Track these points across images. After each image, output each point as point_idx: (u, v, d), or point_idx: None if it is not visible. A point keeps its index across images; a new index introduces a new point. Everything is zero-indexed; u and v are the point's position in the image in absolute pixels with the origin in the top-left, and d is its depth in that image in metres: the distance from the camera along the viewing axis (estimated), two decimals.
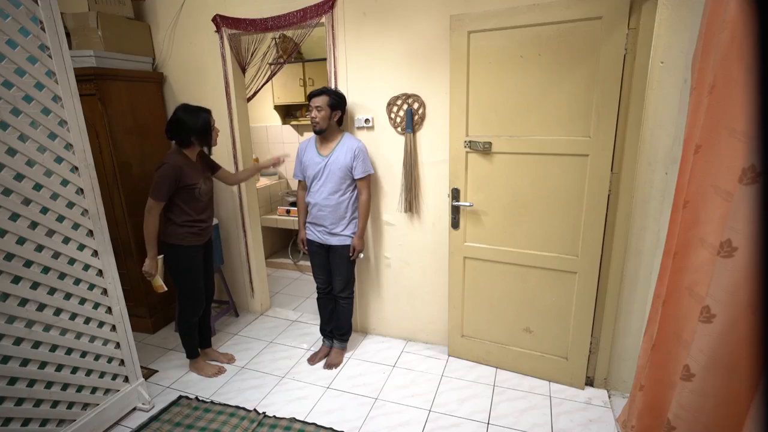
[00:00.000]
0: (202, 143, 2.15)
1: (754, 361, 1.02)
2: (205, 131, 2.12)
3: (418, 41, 2.19)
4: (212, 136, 2.17)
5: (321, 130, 2.20)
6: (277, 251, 4.27)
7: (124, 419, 2.06)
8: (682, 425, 1.24)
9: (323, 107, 2.16)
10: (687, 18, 1.67)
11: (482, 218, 2.21)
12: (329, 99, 2.17)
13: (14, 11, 1.53)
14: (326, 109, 2.16)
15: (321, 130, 2.20)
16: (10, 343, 1.59)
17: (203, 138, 2.13)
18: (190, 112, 2.10)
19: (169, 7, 2.71)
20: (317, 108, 2.15)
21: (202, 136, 2.12)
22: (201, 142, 2.15)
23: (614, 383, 2.17)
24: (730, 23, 1.09)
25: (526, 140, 2.02)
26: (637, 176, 1.89)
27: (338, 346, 2.53)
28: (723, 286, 1.07)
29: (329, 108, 2.17)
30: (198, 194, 2.14)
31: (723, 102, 1.14)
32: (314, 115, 2.16)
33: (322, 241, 2.33)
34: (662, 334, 1.45)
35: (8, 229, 1.54)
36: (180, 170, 2.06)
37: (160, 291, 2.22)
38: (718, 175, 1.16)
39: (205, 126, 2.11)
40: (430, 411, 2.09)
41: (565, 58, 1.86)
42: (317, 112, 2.15)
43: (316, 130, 2.20)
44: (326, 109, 2.16)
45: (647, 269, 1.95)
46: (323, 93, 2.17)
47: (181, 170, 2.06)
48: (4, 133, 1.52)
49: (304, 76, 3.81)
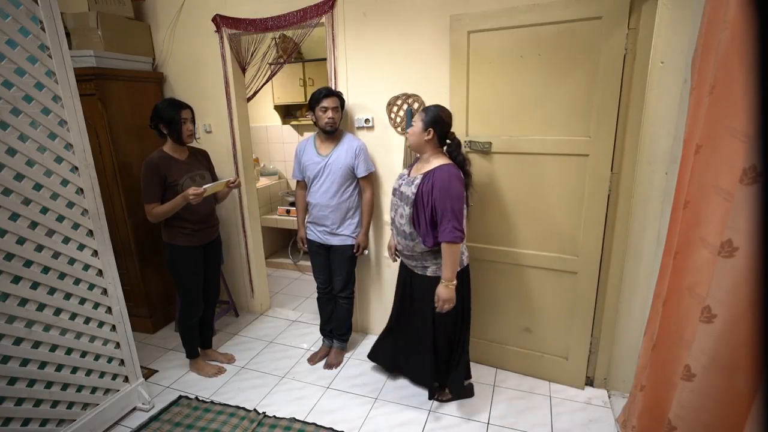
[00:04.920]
0: (170, 133, 2.09)
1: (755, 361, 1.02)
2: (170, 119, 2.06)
3: (418, 41, 2.19)
4: (180, 129, 2.09)
5: (336, 129, 2.20)
6: (277, 251, 4.27)
7: (124, 419, 2.06)
8: (683, 425, 1.24)
9: (339, 107, 2.18)
10: (687, 18, 1.67)
11: (482, 218, 2.21)
12: (338, 99, 2.18)
13: (14, 11, 1.53)
14: (340, 110, 2.19)
15: (335, 130, 2.21)
16: (10, 343, 1.59)
17: (169, 126, 2.07)
18: (166, 101, 2.11)
19: (169, 7, 2.71)
20: (334, 109, 2.15)
21: (167, 124, 2.07)
22: (169, 132, 2.09)
23: (614, 383, 2.17)
24: (730, 23, 1.09)
25: (526, 140, 2.02)
26: (637, 176, 1.89)
27: (338, 346, 2.53)
28: (724, 286, 1.07)
29: (341, 108, 2.20)
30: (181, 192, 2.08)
31: (723, 102, 1.14)
32: (332, 116, 2.14)
33: (323, 241, 2.33)
34: (663, 334, 1.45)
35: (8, 229, 1.54)
36: (157, 167, 2.05)
37: (227, 185, 2.18)
38: (719, 175, 1.16)
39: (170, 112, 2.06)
40: (430, 411, 2.09)
41: (565, 58, 1.86)
42: (334, 112, 2.14)
43: (329, 130, 2.18)
44: (340, 109, 2.19)
45: (647, 269, 1.95)
46: (334, 94, 2.17)
47: (158, 167, 2.05)
48: (4, 133, 1.52)
49: (304, 76, 3.81)
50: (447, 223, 1.73)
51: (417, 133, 1.82)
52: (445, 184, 1.73)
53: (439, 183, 1.74)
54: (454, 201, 1.73)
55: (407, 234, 1.88)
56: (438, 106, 1.86)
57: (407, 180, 1.89)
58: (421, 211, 1.80)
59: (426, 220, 1.79)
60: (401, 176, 1.96)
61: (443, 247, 1.76)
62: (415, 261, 1.94)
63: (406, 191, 1.86)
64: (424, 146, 1.84)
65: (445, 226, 1.73)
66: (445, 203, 1.72)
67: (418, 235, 1.84)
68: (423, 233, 1.82)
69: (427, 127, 1.79)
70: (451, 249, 1.75)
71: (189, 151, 2.21)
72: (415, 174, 1.88)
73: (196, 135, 2.59)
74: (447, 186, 1.73)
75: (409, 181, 1.87)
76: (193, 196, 1.99)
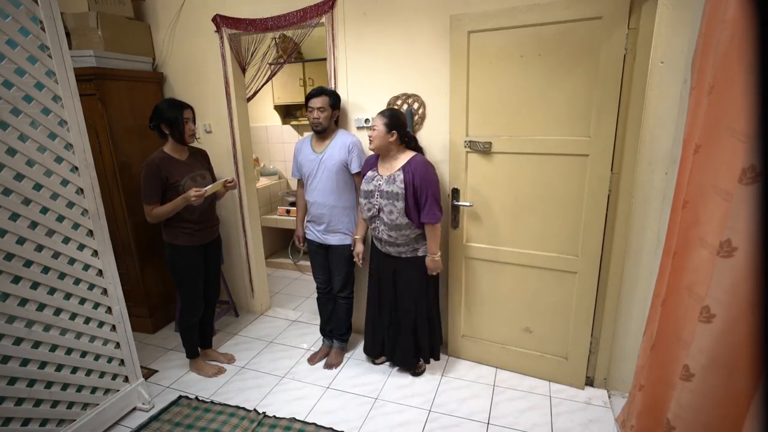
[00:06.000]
0: (172, 133, 2.09)
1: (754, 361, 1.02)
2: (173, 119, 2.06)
3: (418, 41, 2.19)
4: (182, 129, 2.09)
5: (323, 129, 2.21)
6: (277, 251, 4.27)
7: (124, 419, 2.06)
8: (682, 425, 1.24)
9: (325, 107, 2.17)
10: (687, 18, 1.67)
11: (482, 218, 2.21)
12: (329, 99, 2.18)
13: (14, 11, 1.53)
14: (328, 110, 2.19)
15: (323, 130, 2.22)
16: (10, 343, 1.59)
17: (171, 126, 2.07)
18: (167, 101, 2.11)
19: (169, 7, 2.71)
20: (319, 109, 2.16)
21: (168, 124, 2.07)
22: (171, 132, 2.09)
23: (614, 383, 2.17)
24: (730, 23, 1.09)
25: (526, 140, 2.02)
26: (637, 176, 1.89)
27: (338, 346, 2.53)
28: (723, 286, 1.07)
29: (330, 108, 2.20)
30: (182, 193, 2.08)
31: (723, 102, 1.14)
32: (317, 116, 2.17)
33: (321, 240, 2.33)
34: (662, 334, 1.45)
35: (8, 229, 1.55)
36: (158, 168, 2.05)
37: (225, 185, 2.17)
38: (718, 175, 1.16)
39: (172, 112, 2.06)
40: (430, 411, 2.09)
41: (565, 58, 1.86)
42: (319, 112, 2.16)
43: (318, 130, 2.22)
44: (328, 109, 2.19)
45: (647, 269, 1.95)
46: (323, 93, 2.18)
47: (158, 168, 2.05)
48: (4, 133, 1.52)
49: (304, 76, 3.81)
50: (429, 207, 1.99)
51: (381, 136, 1.99)
52: (425, 174, 1.99)
53: (420, 173, 1.98)
54: (433, 187, 2.01)
55: (403, 225, 2.04)
56: (392, 109, 2.08)
57: (386, 179, 2.04)
58: (412, 200, 2.00)
59: (416, 208, 2.01)
60: (373, 177, 2.08)
61: (427, 227, 2.04)
62: (406, 246, 2.12)
63: (392, 189, 2.01)
64: (389, 146, 2.02)
65: (428, 210, 2.00)
66: (427, 190, 1.98)
67: (412, 223, 2.03)
68: (416, 220, 2.03)
69: (391, 129, 1.98)
70: (434, 228, 2.04)
71: (189, 152, 2.21)
72: (388, 172, 2.04)
73: (197, 135, 2.60)
74: (426, 174, 1.99)
75: (389, 180, 2.02)
76: (194, 197, 2.00)
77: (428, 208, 1.99)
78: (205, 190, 2.04)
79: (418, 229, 2.06)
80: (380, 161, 2.10)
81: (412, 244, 2.11)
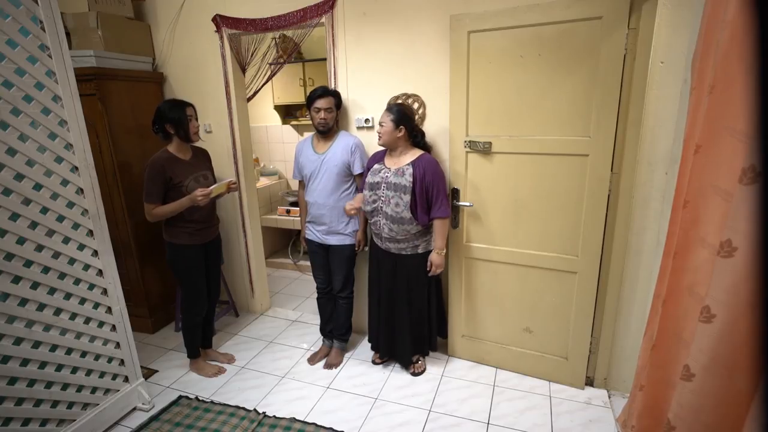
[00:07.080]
0: (177, 132, 2.09)
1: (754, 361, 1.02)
2: (177, 118, 2.06)
3: (418, 41, 2.19)
4: (187, 127, 2.10)
5: (329, 129, 2.21)
6: (277, 251, 4.27)
7: (124, 419, 2.06)
8: (682, 425, 1.24)
9: (332, 108, 2.18)
10: (687, 18, 1.67)
11: (482, 218, 2.21)
12: (334, 99, 2.19)
13: (14, 11, 1.53)
14: (334, 110, 2.20)
15: (329, 130, 2.22)
16: (10, 343, 1.59)
17: (177, 125, 2.07)
18: (168, 102, 2.11)
19: (169, 7, 2.71)
20: (327, 110, 2.16)
21: (173, 123, 2.07)
22: (176, 131, 2.09)
23: (614, 383, 2.17)
24: (730, 23, 1.09)
25: (526, 140, 2.02)
26: (637, 176, 1.89)
27: (338, 346, 2.53)
28: (723, 286, 1.07)
29: (335, 108, 2.20)
30: (185, 193, 2.10)
31: (723, 102, 1.14)
32: (324, 116, 2.16)
33: (322, 240, 2.33)
34: (662, 334, 1.45)
35: (8, 229, 1.55)
36: (162, 167, 2.05)
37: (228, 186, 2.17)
38: (718, 175, 1.16)
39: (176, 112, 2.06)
40: (430, 411, 2.09)
41: (565, 58, 1.86)
42: (327, 113, 2.17)
43: (323, 130, 2.21)
44: (334, 110, 2.19)
45: (647, 269, 1.95)
46: (329, 94, 2.18)
47: (163, 167, 2.05)
48: (4, 133, 1.52)
49: (304, 76, 3.81)
50: (441, 202, 2.05)
51: (389, 132, 2.02)
52: (435, 170, 2.04)
53: (431, 169, 2.03)
54: (443, 183, 2.07)
55: (406, 219, 2.05)
56: (399, 104, 2.09)
57: (394, 171, 2.06)
58: (419, 196, 2.03)
59: (422, 203, 2.04)
60: (380, 169, 2.11)
61: (437, 222, 2.08)
62: (406, 243, 2.13)
63: (400, 182, 2.03)
64: (397, 142, 2.06)
65: (439, 205, 2.05)
66: (438, 186, 2.04)
67: (415, 218, 2.05)
68: (420, 215, 2.05)
69: (399, 125, 2.01)
70: (443, 223, 2.08)
71: (192, 152, 2.22)
72: (396, 165, 2.07)
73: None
74: (437, 171, 2.05)
75: (398, 172, 2.05)
76: (201, 198, 2.02)
77: (440, 203, 2.04)
78: (211, 189, 2.06)
79: (419, 225, 2.07)
80: (388, 156, 2.13)
81: (412, 241, 2.12)
